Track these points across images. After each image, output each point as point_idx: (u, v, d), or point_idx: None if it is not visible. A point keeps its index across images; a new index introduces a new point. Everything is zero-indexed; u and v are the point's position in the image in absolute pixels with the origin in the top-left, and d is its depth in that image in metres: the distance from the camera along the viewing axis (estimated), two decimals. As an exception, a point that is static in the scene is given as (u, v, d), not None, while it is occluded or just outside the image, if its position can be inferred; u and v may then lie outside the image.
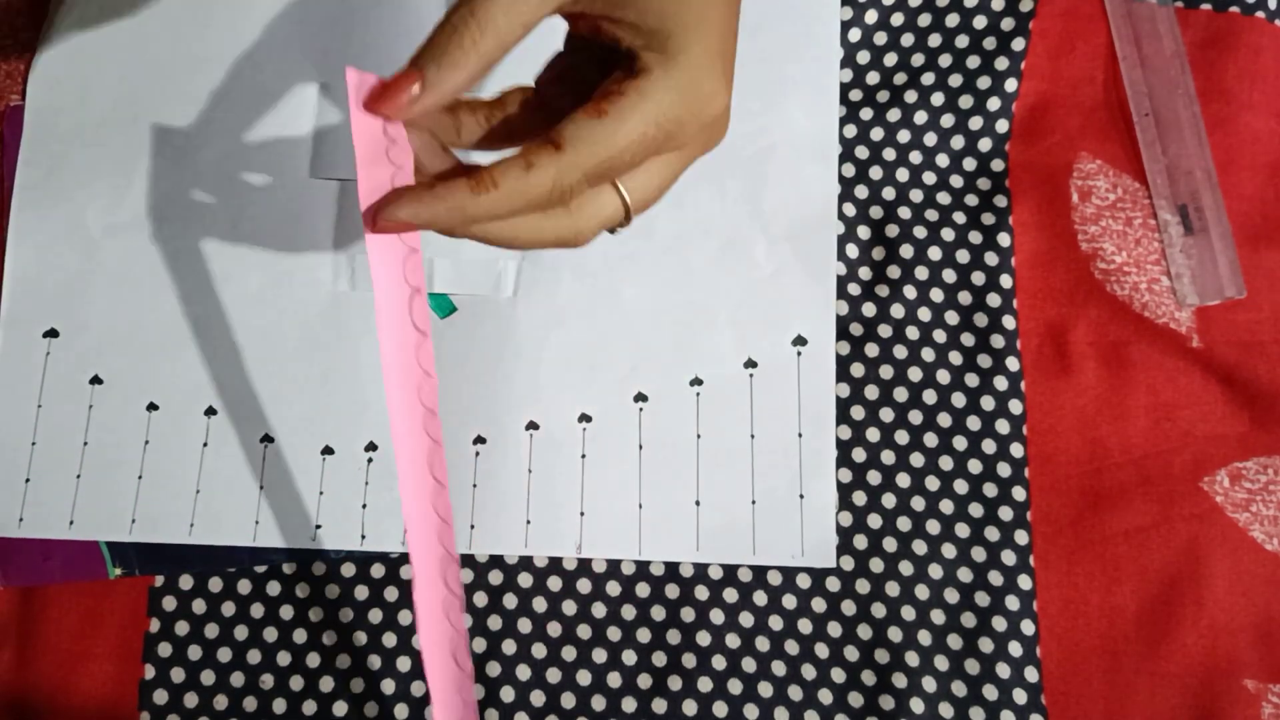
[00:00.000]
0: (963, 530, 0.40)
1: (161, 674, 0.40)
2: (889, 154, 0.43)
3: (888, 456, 0.41)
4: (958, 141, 0.44)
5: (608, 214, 0.31)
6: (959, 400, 0.41)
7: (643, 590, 0.40)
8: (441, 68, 0.28)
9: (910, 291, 0.42)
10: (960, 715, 0.39)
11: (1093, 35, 0.44)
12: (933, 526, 0.40)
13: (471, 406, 0.41)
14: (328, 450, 0.41)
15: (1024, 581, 0.40)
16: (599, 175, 0.29)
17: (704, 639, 0.40)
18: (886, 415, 0.41)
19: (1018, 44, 0.44)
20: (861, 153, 0.44)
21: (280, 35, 0.44)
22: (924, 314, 0.42)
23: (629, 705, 0.39)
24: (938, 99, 0.44)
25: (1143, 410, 0.41)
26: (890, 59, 0.45)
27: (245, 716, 0.39)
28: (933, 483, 0.41)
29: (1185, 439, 0.41)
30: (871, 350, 0.42)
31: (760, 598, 0.40)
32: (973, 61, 0.44)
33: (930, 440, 0.41)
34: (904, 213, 0.43)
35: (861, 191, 0.43)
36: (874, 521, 0.40)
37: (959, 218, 0.43)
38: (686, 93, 0.29)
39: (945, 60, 0.44)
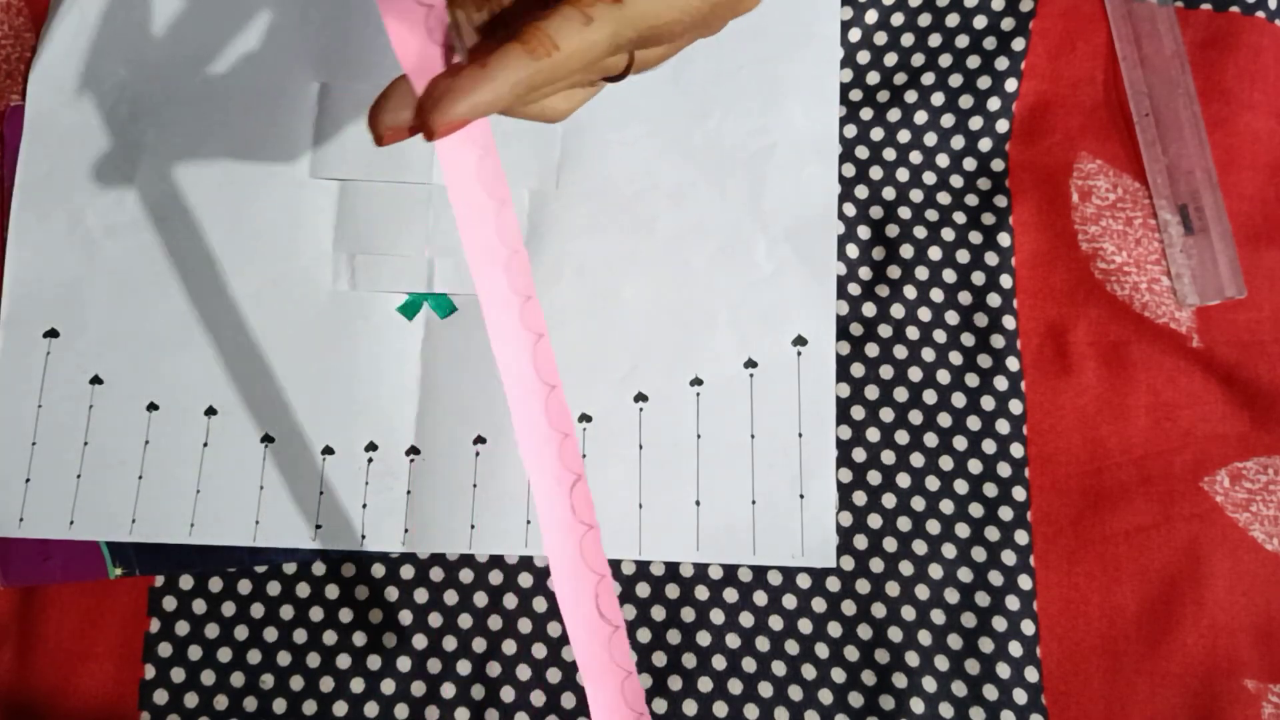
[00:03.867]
0: (963, 530, 0.40)
1: (162, 674, 0.40)
2: (889, 154, 0.43)
3: (888, 456, 0.41)
4: (958, 141, 0.43)
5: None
6: (959, 400, 0.41)
7: (643, 590, 0.40)
8: None
9: (910, 291, 0.42)
10: (960, 715, 0.39)
11: (1093, 35, 0.44)
12: (933, 526, 0.40)
13: (471, 406, 0.41)
14: (328, 450, 0.41)
15: (1024, 581, 0.40)
16: (649, 38, 0.27)
17: (704, 639, 0.40)
18: (886, 415, 0.41)
19: (1018, 44, 0.44)
20: (861, 153, 0.44)
21: (280, 35, 0.44)
22: (924, 314, 0.42)
23: (629, 705, 0.39)
24: (938, 99, 0.44)
25: (1143, 410, 0.41)
26: (890, 59, 0.45)
27: (245, 716, 0.39)
28: (933, 483, 0.41)
29: (1185, 439, 0.41)
30: (871, 350, 0.42)
31: (760, 598, 0.40)
32: (973, 61, 0.44)
33: (930, 440, 0.41)
34: (904, 213, 0.43)
35: (861, 191, 0.43)
36: (874, 521, 0.40)
37: (959, 218, 0.43)
38: None
39: (945, 60, 0.44)
